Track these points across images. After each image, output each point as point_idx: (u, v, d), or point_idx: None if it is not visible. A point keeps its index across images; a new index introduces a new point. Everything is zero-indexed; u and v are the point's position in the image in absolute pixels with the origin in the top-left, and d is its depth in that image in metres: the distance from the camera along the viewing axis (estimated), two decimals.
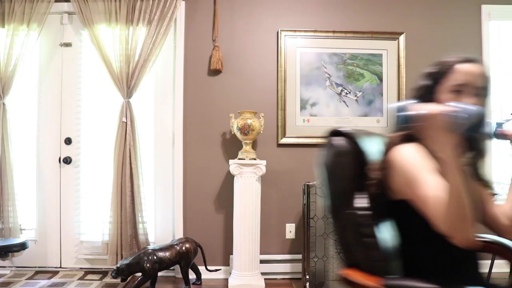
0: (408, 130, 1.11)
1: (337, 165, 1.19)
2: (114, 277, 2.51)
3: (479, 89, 1.12)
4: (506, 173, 3.21)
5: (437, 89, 1.16)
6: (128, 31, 2.99)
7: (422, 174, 1.05)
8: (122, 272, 2.51)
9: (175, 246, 2.72)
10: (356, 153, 1.22)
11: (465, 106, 0.96)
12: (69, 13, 3.14)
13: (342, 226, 1.19)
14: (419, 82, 1.22)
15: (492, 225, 1.23)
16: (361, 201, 1.16)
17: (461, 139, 0.97)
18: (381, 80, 3.20)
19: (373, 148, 1.28)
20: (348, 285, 1.13)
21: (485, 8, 3.24)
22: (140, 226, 2.94)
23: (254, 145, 3.02)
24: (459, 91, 1.12)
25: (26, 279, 2.91)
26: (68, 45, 3.16)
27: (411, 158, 1.10)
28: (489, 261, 1.69)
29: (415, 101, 1.08)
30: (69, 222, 3.14)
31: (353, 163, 1.18)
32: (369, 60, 3.19)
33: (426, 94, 1.18)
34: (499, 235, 1.25)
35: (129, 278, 2.69)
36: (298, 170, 3.13)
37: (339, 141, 1.24)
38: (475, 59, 1.18)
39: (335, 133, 1.29)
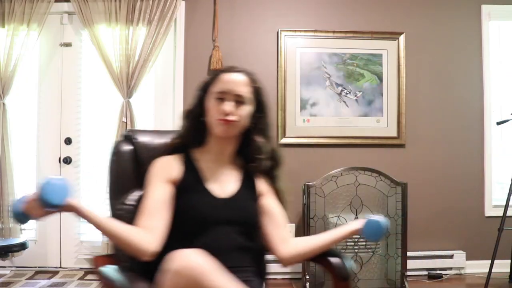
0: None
1: (116, 163, 1.36)
2: None
3: (239, 97, 1.23)
4: (506, 173, 3.21)
5: (206, 97, 1.28)
6: (128, 31, 2.99)
7: (147, 193, 1.20)
8: None
9: None
10: (135, 155, 1.38)
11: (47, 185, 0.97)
12: (69, 13, 3.14)
13: (113, 217, 1.31)
14: (196, 91, 1.34)
15: (268, 244, 1.29)
16: (133, 197, 1.31)
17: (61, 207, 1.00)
18: (381, 80, 3.20)
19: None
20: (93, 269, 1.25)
21: (485, 8, 3.24)
22: None
23: None
24: (221, 98, 1.23)
25: (26, 279, 2.91)
26: (68, 45, 3.16)
27: (149, 174, 1.24)
28: None
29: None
30: (69, 222, 3.14)
31: (132, 163, 1.35)
32: (369, 60, 3.19)
33: (198, 103, 1.30)
34: (271, 253, 1.30)
35: None
36: (298, 170, 3.12)
37: (120, 142, 1.41)
38: (240, 69, 1.31)
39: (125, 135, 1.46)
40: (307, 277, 2.71)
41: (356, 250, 2.73)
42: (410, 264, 2.93)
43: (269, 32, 3.16)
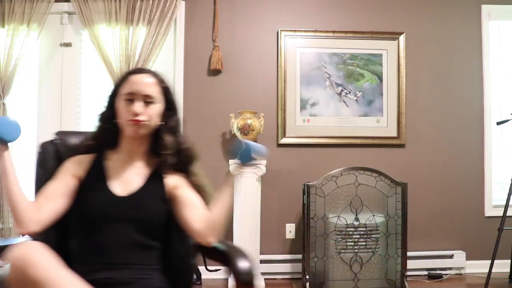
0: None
1: (40, 162, 1.47)
2: None
3: (148, 97, 1.26)
4: (506, 173, 3.21)
5: (116, 100, 1.30)
6: (128, 31, 2.99)
7: (48, 182, 1.27)
8: None
9: None
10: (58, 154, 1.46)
11: None
12: (69, 13, 3.14)
13: None
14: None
15: (186, 228, 1.28)
16: None
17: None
18: (381, 80, 3.20)
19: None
20: None
21: (485, 8, 3.24)
22: None
23: None
24: (131, 100, 1.25)
25: None
26: (68, 45, 3.16)
27: (58, 170, 1.30)
28: None
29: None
30: None
31: (54, 162, 1.42)
32: (369, 60, 3.19)
33: (110, 103, 1.32)
34: (194, 239, 1.29)
35: None
36: (298, 170, 3.13)
37: (46, 143, 1.51)
38: (148, 70, 1.35)
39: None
40: (307, 277, 2.71)
41: (356, 250, 2.73)
42: (410, 264, 2.93)
43: (269, 32, 3.16)
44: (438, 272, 3.11)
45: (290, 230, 3.14)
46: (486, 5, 3.25)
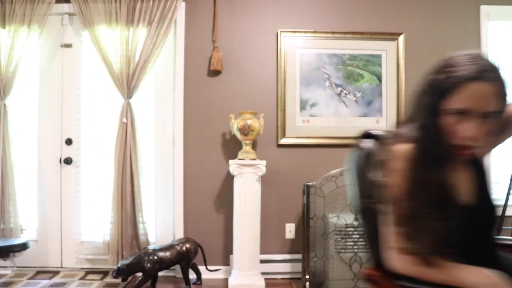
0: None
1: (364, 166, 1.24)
2: (114, 277, 2.52)
3: (486, 114, 0.97)
4: (505, 172, 3.22)
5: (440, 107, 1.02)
6: (128, 32, 3.00)
7: None
8: (122, 272, 2.53)
9: (176, 246, 2.73)
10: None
11: None
12: (70, 14, 3.15)
13: (373, 224, 1.21)
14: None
15: None
16: None
17: None
18: (380, 80, 3.21)
19: None
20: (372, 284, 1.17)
21: (484, 9, 3.26)
22: (140, 226, 2.95)
23: (254, 146, 3.04)
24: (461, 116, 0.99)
25: (27, 279, 2.92)
26: (68, 46, 3.17)
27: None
28: None
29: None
30: (70, 222, 3.15)
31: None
32: (368, 60, 3.20)
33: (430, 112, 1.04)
34: None
35: (129, 278, 2.70)
36: (298, 170, 3.14)
37: (367, 143, 1.28)
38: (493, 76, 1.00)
39: (366, 135, 1.33)
40: (307, 276, 2.72)
41: (356, 250, 2.74)
42: None
43: (268, 32, 3.18)
44: None
45: (290, 230, 3.16)
46: (485, 6, 3.26)
